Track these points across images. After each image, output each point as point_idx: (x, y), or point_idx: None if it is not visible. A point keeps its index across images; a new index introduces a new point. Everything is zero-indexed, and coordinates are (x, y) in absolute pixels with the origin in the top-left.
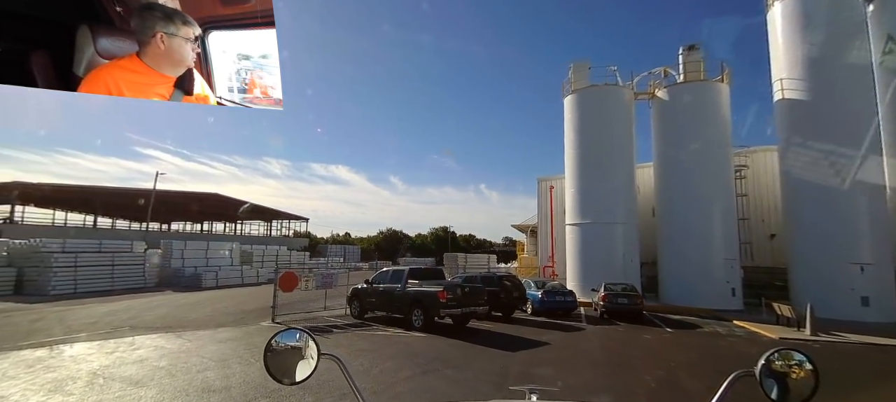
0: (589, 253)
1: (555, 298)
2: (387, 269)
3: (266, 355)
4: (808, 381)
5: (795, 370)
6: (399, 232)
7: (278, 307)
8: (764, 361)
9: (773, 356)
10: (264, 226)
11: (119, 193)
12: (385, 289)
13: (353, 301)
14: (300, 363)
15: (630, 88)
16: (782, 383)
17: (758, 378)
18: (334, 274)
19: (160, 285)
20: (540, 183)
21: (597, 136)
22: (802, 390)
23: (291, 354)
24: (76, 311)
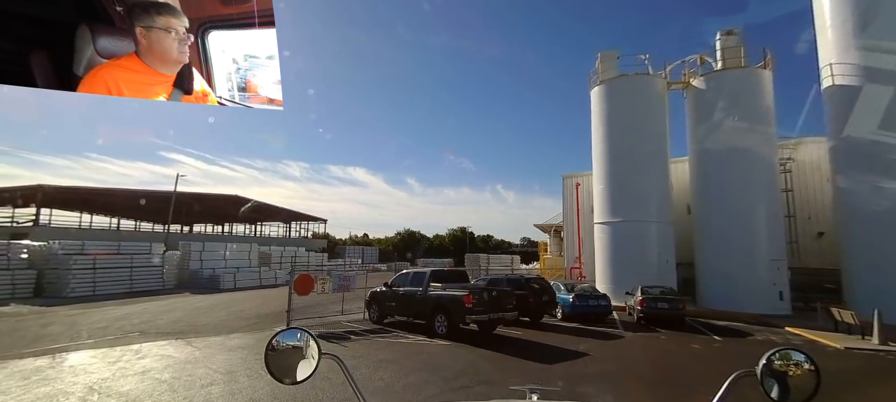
0: (620, 253)
1: (587, 302)
2: (407, 271)
3: (267, 354)
4: (810, 381)
5: (797, 369)
6: (416, 233)
7: (294, 311)
8: (765, 360)
9: (775, 356)
10: (283, 227)
11: (139, 195)
12: (405, 293)
13: (371, 305)
14: (301, 362)
15: (663, 77)
16: (783, 383)
17: (759, 378)
18: (352, 276)
19: (179, 287)
20: (565, 180)
21: (628, 128)
22: (804, 390)
23: (292, 354)
24: (90, 314)
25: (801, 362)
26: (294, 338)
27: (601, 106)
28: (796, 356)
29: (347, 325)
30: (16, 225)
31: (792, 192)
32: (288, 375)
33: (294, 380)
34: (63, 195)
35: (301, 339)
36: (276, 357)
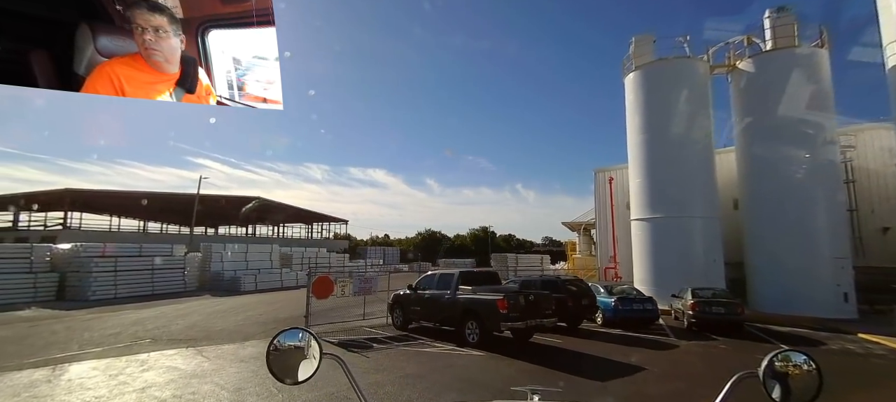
0: (661, 252)
1: (631, 306)
2: (433, 272)
3: (269, 354)
4: (812, 383)
5: (799, 371)
6: (437, 233)
7: (313, 316)
8: (767, 362)
9: (777, 357)
10: (305, 229)
11: (163, 198)
12: (431, 296)
13: (394, 309)
14: (303, 362)
15: (705, 61)
16: (786, 384)
17: (761, 379)
18: (373, 278)
19: (200, 289)
20: (596, 175)
21: (668, 117)
22: (806, 392)
23: (294, 353)
24: (106, 319)
25: (803, 363)
26: (296, 338)
27: (637, 94)
28: (798, 357)
29: (369, 331)
30: (46, 229)
31: (854, 182)
32: (289, 375)
33: (295, 380)
34: (89, 199)
35: (303, 339)
36: (277, 357)
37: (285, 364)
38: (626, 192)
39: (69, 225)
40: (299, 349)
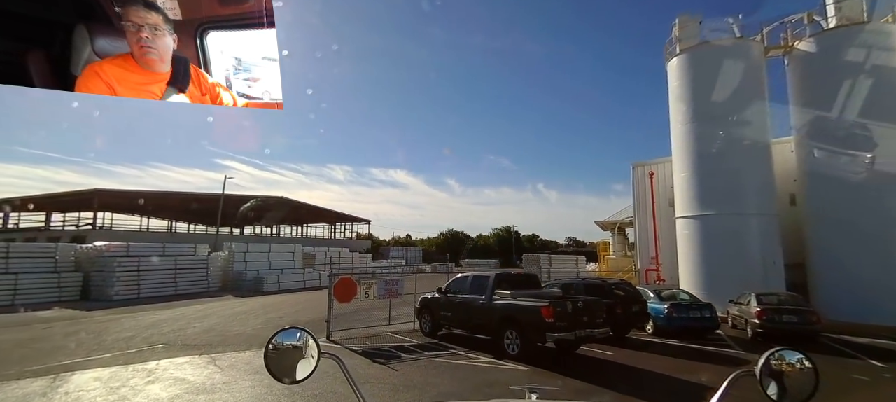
0: (712, 253)
1: (687, 314)
2: (464, 275)
3: (267, 354)
4: (808, 381)
5: (795, 369)
6: (460, 233)
7: (335, 320)
8: (764, 360)
9: (774, 356)
10: (328, 228)
11: (189, 198)
12: (464, 301)
13: (422, 314)
14: (301, 362)
15: (759, 42)
16: (782, 382)
17: (758, 378)
18: (399, 281)
19: (223, 289)
20: (635, 169)
21: (718, 105)
22: (802, 390)
23: (292, 353)
24: (123, 321)
25: (799, 362)
26: (294, 338)
27: (682, 80)
28: (795, 355)
29: (396, 338)
30: (76, 229)
31: None
32: (287, 374)
33: (293, 379)
34: (118, 199)
35: (300, 339)
36: (276, 357)
37: (283, 364)
38: (669, 187)
39: (102, 226)
40: (297, 349)
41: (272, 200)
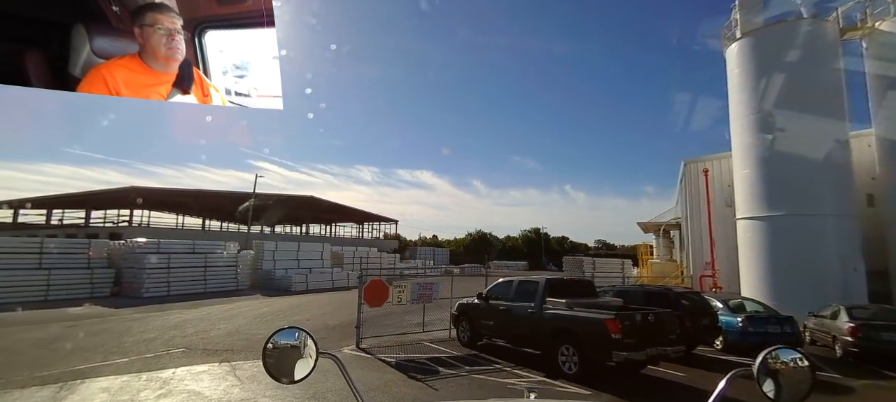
0: (781, 258)
1: (764, 328)
2: (508, 279)
3: (265, 354)
4: (805, 380)
5: (792, 368)
6: (487, 234)
7: (364, 325)
8: (761, 359)
9: (770, 355)
10: (356, 228)
11: (221, 196)
12: (508, 309)
13: (460, 322)
14: (299, 361)
15: (833, 22)
16: (779, 381)
17: (755, 377)
18: (434, 285)
19: (252, 288)
20: (686, 166)
21: (786, 93)
22: (799, 389)
23: (290, 353)
24: (148, 320)
25: (796, 360)
26: (292, 337)
27: (745, 67)
28: (792, 354)
29: (430, 347)
30: (114, 225)
31: None
32: (286, 374)
33: (292, 379)
34: (153, 196)
35: (299, 338)
36: (274, 357)
37: (282, 363)
38: (726, 185)
39: (141, 223)
40: (296, 348)
41: (299, 199)
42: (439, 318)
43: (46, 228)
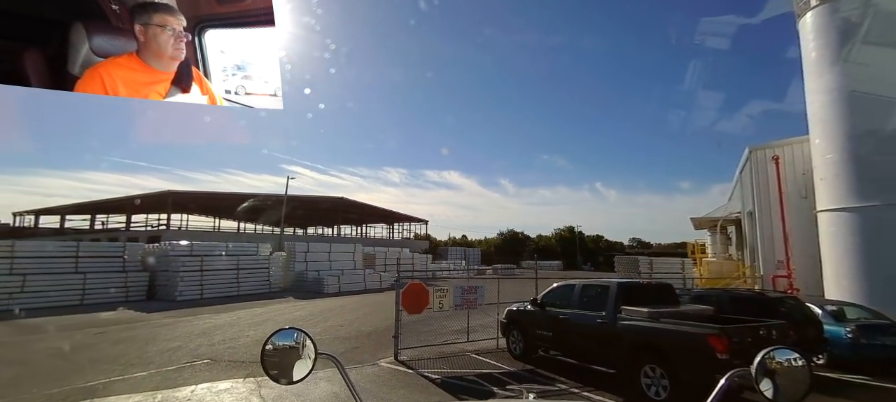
0: (878, 255)
1: (880, 340)
2: (569, 283)
3: (263, 354)
4: (803, 380)
5: (789, 368)
6: (520, 233)
7: (403, 333)
8: (759, 359)
9: (768, 355)
10: (386, 229)
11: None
12: (572, 318)
13: (511, 331)
14: (298, 362)
15: None
16: (777, 381)
17: (753, 377)
18: (479, 288)
19: (285, 290)
20: (752, 154)
21: (880, 64)
22: (796, 389)
23: (289, 353)
24: (177, 326)
25: (794, 360)
26: (291, 338)
27: (825, 38)
28: (789, 354)
29: (478, 360)
30: (153, 228)
31: None
32: (285, 375)
33: (290, 380)
34: (189, 200)
35: (298, 339)
36: (272, 357)
37: (281, 364)
38: (801, 174)
39: (180, 227)
40: (294, 349)
41: (330, 200)
42: (482, 324)
43: (91, 232)
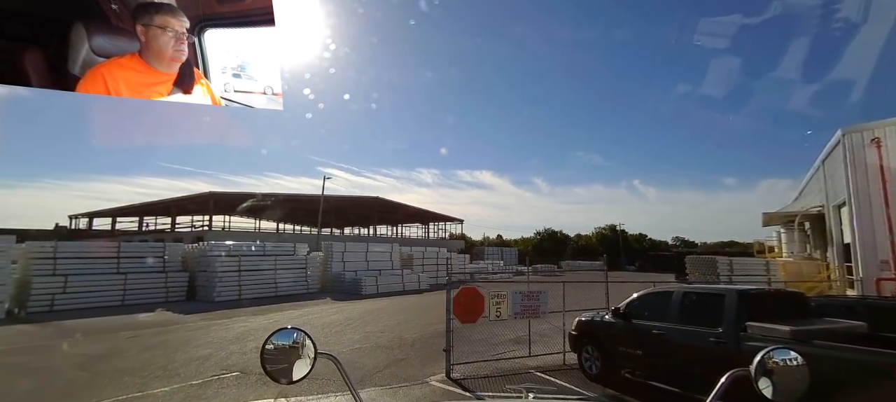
0: None
1: None
2: (666, 289)
3: (263, 354)
4: (802, 380)
5: (789, 368)
6: (558, 232)
7: (454, 345)
8: (759, 359)
9: (768, 355)
10: (421, 229)
11: (292, 200)
12: (668, 334)
13: (583, 345)
14: (297, 362)
15: None
16: (776, 381)
17: (752, 377)
18: (541, 294)
19: (322, 291)
20: (846, 138)
21: None
22: (795, 388)
23: (288, 353)
24: (212, 329)
25: (793, 360)
26: (290, 338)
27: None
28: (789, 355)
29: (546, 380)
30: (195, 229)
31: None
32: (284, 375)
33: (290, 380)
34: (230, 201)
35: (297, 338)
36: (272, 357)
37: (280, 364)
38: None
39: (223, 227)
40: (294, 349)
41: (366, 200)
42: (537, 332)
43: (139, 233)
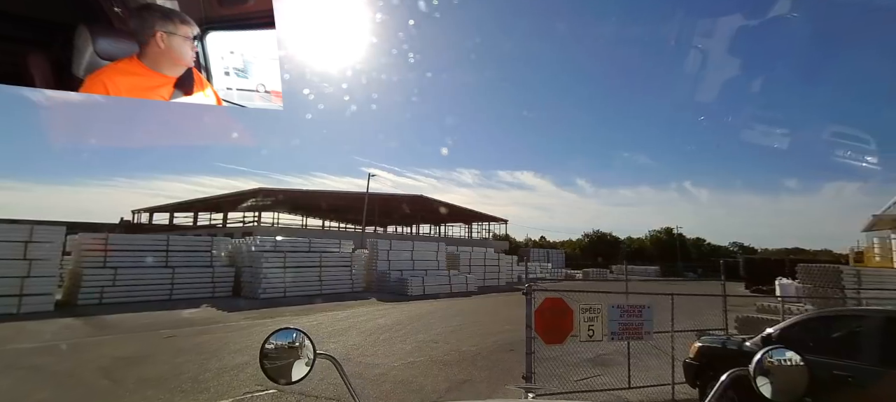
0: None
1: None
2: (848, 314)
3: (262, 355)
4: (801, 380)
5: (788, 368)
6: (608, 235)
7: (520, 360)
8: (757, 359)
9: (767, 355)
10: (463, 228)
11: (338, 197)
12: (864, 378)
13: (707, 378)
14: (296, 363)
15: None
16: (775, 381)
17: (751, 376)
18: (646, 309)
19: (367, 290)
20: None
21: None
22: (795, 388)
23: (288, 353)
24: (253, 330)
25: (792, 360)
26: (289, 338)
27: None
28: (788, 354)
29: None
30: (244, 225)
31: None
32: (283, 376)
33: (289, 381)
34: (278, 198)
35: (297, 339)
36: (270, 358)
37: (279, 365)
38: None
39: (272, 223)
40: (293, 349)
41: (410, 198)
42: (616, 349)
43: (194, 228)
